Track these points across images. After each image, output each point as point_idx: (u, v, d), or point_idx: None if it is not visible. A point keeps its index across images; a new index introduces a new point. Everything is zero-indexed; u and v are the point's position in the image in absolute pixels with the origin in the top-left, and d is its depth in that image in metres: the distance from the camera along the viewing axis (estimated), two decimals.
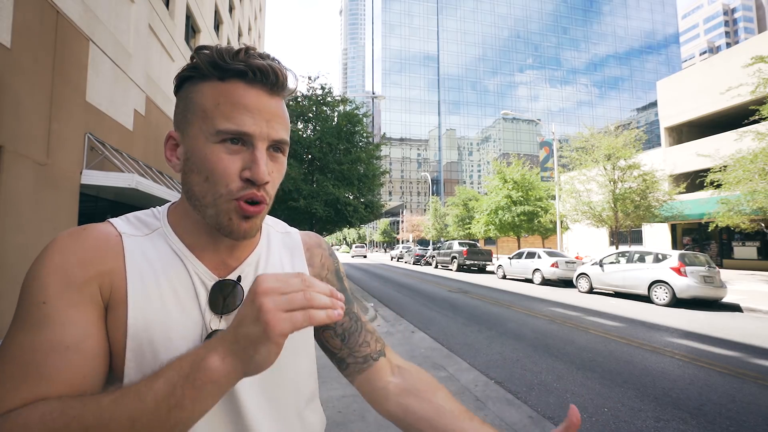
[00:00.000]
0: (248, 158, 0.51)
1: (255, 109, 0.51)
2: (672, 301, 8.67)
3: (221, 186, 0.51)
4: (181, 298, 0.53)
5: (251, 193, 0.51)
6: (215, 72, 0.51)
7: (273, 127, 0.52)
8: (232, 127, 0.50)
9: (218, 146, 0.51)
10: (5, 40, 4.95)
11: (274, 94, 0.53)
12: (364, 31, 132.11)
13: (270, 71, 0.51)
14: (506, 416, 2.94)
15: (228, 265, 0.58)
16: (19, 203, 5.22)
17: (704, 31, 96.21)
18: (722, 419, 3.05)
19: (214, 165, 0.50)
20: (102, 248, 0.52)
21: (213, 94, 0.51)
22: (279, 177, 0.56)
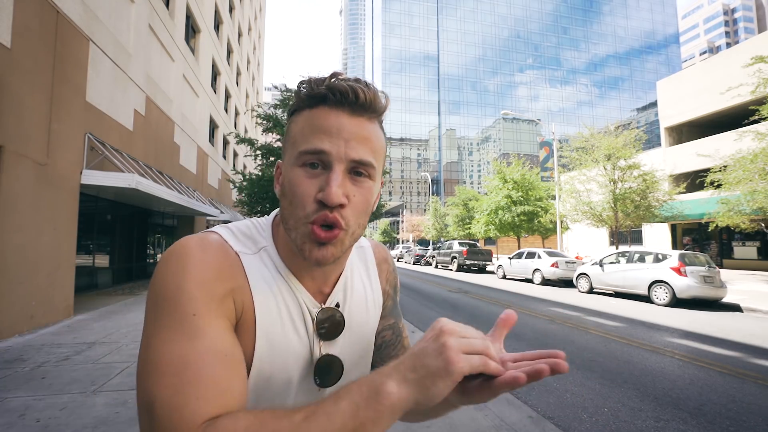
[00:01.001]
0: (324, 180, 0.51)
1: (334, 129, 0.51)
2: (672, 301, 8.68)
3: (300, 209, 0.51)
4: (296, 323, 0.56)
5: (323, 215, 0.50)
6: (307, 101, 0.54)
7: (352, 147, 0.52)
8: (309, 147, 0.51)
9: (300, 170, 0.52)
10: (5, 40, 4.94)
11: (356, 114, 0.53)
12: (364, 31, 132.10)
13: (349, 92, 0.52)
14: (506, 416, 2.94)
15: (322, 291, 0.60)
16: (19, 203, 5.21)
17: (704, 31, 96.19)
18: (722, 419, 3.05)
19: (295, 188, 0.52)
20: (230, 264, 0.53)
21: (302, 121, 0.54)
22: (363, 202, 0.54)
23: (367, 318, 0.65)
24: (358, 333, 0.63)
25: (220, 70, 18.08)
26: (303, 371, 0.56)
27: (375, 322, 0.67)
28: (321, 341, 0.57)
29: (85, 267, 9.13)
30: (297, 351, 0.55)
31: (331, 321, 0.58)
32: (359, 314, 0.64)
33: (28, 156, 5.34)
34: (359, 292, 0.65)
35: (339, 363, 0.58)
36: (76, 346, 4.65)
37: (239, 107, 23.71)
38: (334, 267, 0.60)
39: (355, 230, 0.54)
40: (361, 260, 0.69)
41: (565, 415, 3.13)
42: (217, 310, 0.49)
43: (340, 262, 0.61)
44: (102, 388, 3.30)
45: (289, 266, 0.57)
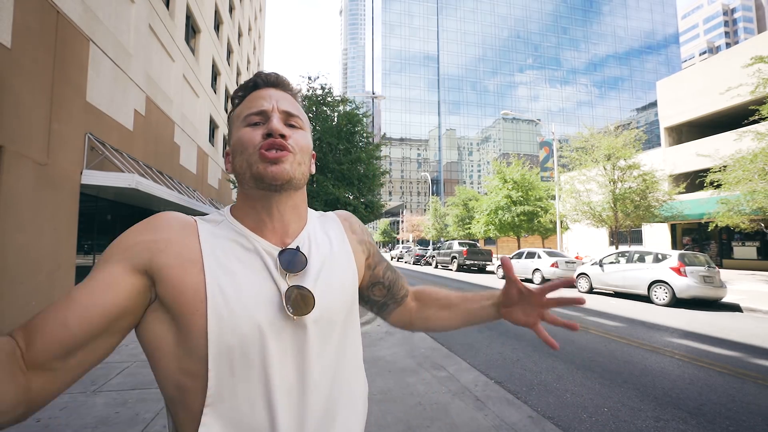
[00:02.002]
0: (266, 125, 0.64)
1: (267, 96, 0.67)
2: (672, 301, 8.68)
3: (249, 147, 0.63)
4: (250, 265, 0.61)
5: (270, 141, 0.62)
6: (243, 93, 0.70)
7: (282, 103, 0.67)
8: (251, 110, 0.65)
9: (246, 128, 0.65)
10: (5, 40, 4.95)
11: (280, 89, 0.70)
12: (364, 31, 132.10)
13: (273, 76, 0.71)
14: (506, 416, 2.94)
15: (285, 241, 0.67)
16: (19, 203, 5.21)
17: (704, 32, 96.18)
18: (722, 419, 3.05)
19: (243, 137, 0.64)
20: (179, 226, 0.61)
21: (243, 105, 0.69)
22: (301, 138, 0.67)
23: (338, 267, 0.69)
24: (329, 275, 0.67)
25: (220, 70, 18.08)
26: (272, 306, 0.58)
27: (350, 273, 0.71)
28: (288, 275, 0.62)
29: (85, 267, 9.13)
30: (259, 290, 0.59)
31: (291, 256, 0.63)
32: (327, 259, 0.68)
33: (28, 156, 5.35)
34: (323, 241, 0.71)
35: (308, 292, 0.61)
36: None
37: None
38: (291, 216, 0.68)
39: (300, 161, 0.65)
40: (324, 223, 0.77)
41: (565, 415, 3.13)
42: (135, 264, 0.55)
43: (298, 214, 0.70)
44: (102, 388, 3.31)
45: (247, 226, 0.65)
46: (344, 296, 0.68)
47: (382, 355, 4.53)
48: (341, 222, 0.79)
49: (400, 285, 0.87)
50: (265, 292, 0.59)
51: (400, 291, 0.87)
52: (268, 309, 0.58)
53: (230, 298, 0.55)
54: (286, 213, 0.67)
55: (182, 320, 0.54)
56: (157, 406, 2.99)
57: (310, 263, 0.65)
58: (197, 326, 0.54)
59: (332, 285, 0.66)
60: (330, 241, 0.72)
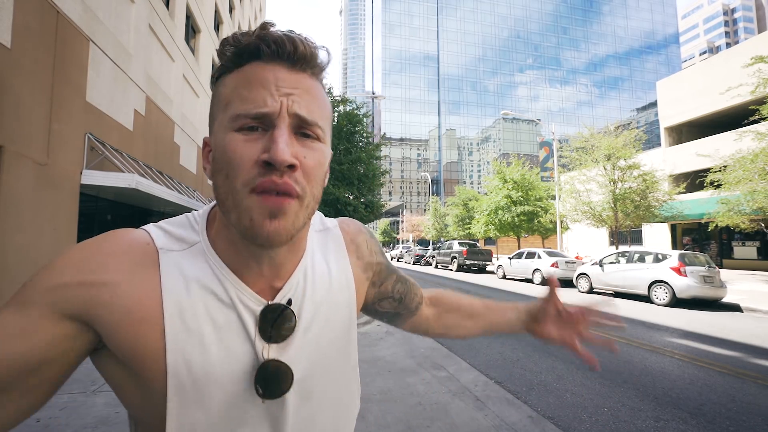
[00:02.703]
0: (267, 139, 0.43)
1: (273, 84, 0.43)
2: (672, 301, 8.68)
3: (239, 178, 0.42)
4: (225, 325, 0.47)
5: (269, 181, 0.42)
6: (235, 59, 0.45)
7: (296, 101, 0.44)
8: (249, 108, 0.43)
9: (236, 134, 0.43)
10: (5, 40, 4.95)
11: (296, 69, 0.45)
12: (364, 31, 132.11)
13: (287, 42, 0.44)
14: (506, 416, 2.94)
15: (274, 286, 0.51)
16: (19, 203, 5.22)
17: (704, 32, 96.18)
18: (722, 419, 3.05)
19: (231, 155, 0.43)
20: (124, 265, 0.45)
21: (232, 81, 0.45)
22: (316, 166, 0.46)
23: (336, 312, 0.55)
24: (322, 334, 0.53)
25: None
26: (242, 379, 0.46)
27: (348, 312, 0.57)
28: (267, 344, 0.48)
29: None
30: (232, 359, 0.46)
31: (276, 316, 0.48)
32: (324, 310, 0.54)
33: (28, 156, 5.35)
34: (321, 275, 0.55)
35: (287, 371, 0.48)
36: None
37: None
38: (286, 256, 0.51)
39: (309, 202, 0.46)
40: (325, 245, 0.59)
41: (565, 415, 3.13)
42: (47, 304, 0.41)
43: (295, 250, 0.52)
44: (102, 388, 3.30)
45: (226, 261, 0.48)
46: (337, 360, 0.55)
47: (382, 355, 4.53)
48: (346, 245, 0.62)
49: (412, 294, 0.78)
50: (239, 364, 0.46)
51: (412, 301, 0.78)
52: (239, 384, 0.46)
53: (196, 372, 0.44)
54: (280, 257, 0.50)
55: (140, 379, 0.44)
56: None
57: (300, 320, 0.51)
58: (158, 393, 0.44)
59: (327, 348, 0.53)
60: (329, 272, 0.57)
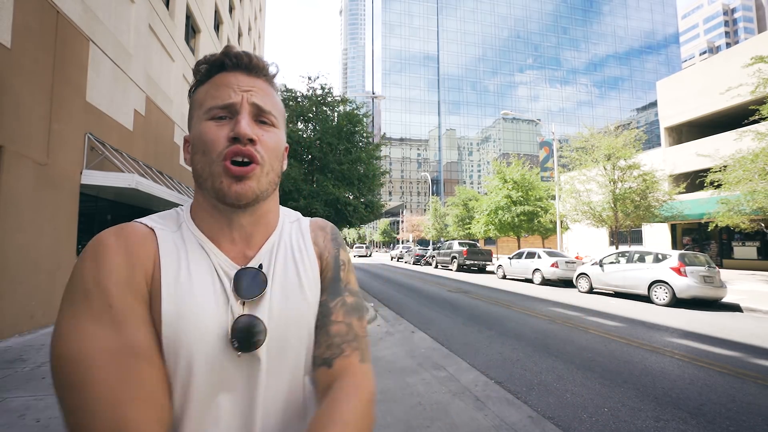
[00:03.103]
0: (233, 123, 0.56)
1: (235, 84, 0.58)
2: (672, 301, 8.68)
3: (212, 151, 0.55)
4: (208, 285, 0.56)
5: (236, 148, 0.55)
6: (206, 73, 0.61)
7: (253, 94, 0.58)
8: (216, 102, 0.57)
9: (209, 122, 0.57)
10: (5, 40, 4.95)
11: (252, 75, 0.60)
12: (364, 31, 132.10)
13: (243, 56, 0.60)
14: (506, 416, 2.94)
15: (246, 255, 0.61)
16: (19, 203, 5.21)
17: (704, 31, 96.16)
18: (722, 419, 3.05)
19: (205, 136, 0.56)
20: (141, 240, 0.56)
21: (205, 87, 0.60)
22: (273, 141, 0.59)
23: (300, 283, 0.62)
24: (290, 297, 0.60)
25: None
26: (219, 333, 0.54)
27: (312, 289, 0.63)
28: (241, 302, 0.56)
29: None
30: (210, 313, 0.54)
31: (250, 279, 0.57)
32: (290, 278, 0.61)
33: (28, 156, 5.35)
34: (289, 257, 0.63)
35: (260, 324, 0.55)
36: None
37: None
38: (255, 227, 0.62)
39: (269, 170, 0.58)
40: (295, 231, 0.68)
41: (565, 414, 3.13)
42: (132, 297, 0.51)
43: (264, 224, 0.63)
44: None
45: (206, 233, 0.59)
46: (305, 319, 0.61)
47: (382, 355, 4.52)
48: (312, 231, 0.70)
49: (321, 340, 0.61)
50: (215, 320, 0.54)
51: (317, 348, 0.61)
52: (215, 339, 0.53)
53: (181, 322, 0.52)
54: (249, 225, 0.61)
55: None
56: None
57: (272, 283, 0.59)
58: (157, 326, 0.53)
59: (292, 307, 0.60)
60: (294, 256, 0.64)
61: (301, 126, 10.80)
